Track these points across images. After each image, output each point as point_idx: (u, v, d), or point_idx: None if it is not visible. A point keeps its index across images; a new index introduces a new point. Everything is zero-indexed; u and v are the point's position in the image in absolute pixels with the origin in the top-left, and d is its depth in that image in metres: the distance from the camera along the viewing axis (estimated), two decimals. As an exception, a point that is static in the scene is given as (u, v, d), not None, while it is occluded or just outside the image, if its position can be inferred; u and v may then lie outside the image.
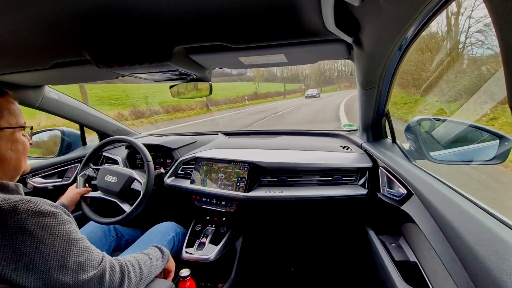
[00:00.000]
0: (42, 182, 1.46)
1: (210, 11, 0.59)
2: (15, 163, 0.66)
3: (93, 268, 0.58)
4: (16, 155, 0.66)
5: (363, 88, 1.04)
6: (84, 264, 0.57)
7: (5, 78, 1.07)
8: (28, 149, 0.71)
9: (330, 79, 58.77)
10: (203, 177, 1.31)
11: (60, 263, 0.53)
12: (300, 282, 1.50)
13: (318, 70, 54.70)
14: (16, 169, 0.67)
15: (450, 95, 5.74)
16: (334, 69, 60.12)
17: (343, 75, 57.83)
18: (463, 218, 0.58)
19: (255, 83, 32.96)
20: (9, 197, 0.53)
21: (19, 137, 0.67)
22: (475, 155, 0.94)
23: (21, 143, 0.67)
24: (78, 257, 0.56)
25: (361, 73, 0.94)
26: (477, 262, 0.48)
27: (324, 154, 1.31)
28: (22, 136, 0.69)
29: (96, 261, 0.60)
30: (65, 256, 0.54)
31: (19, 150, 0.67)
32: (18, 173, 0.69)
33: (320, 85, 47.90)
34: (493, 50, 5.24)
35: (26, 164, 0.72)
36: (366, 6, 0.51)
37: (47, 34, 0.68)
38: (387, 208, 0.98)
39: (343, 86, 49.09)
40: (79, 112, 1.55)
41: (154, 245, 0.88)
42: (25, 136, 0.70)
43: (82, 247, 0.58)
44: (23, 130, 0.69)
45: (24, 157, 0.69)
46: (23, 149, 0.68)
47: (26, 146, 0.69)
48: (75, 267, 0.55)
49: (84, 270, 0.56)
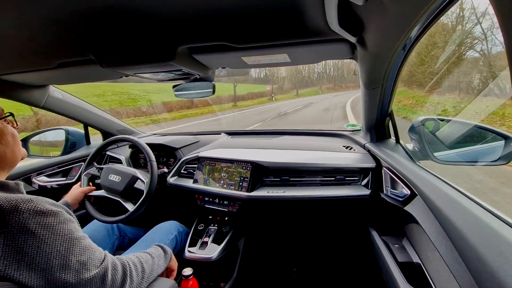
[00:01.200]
0: (46, 181, 1.47)
1: (214, 11, 0.59)
2: (10, 156, 0.66)
3: (95, 267, 0.58)
4: (9, 147, 0.66)
5: (367, 88, 1.03)
6: (86, 263, 0.57)
7: (10, 77, 1.08)
8: (18, 137, 0.70)
9: (310, 80, 50.24)
10: (206, 176, 1.31)
11: (62, 262, 0.53)
12: (302, 282, 1.50)
13: (295, 70, 43.79)
14: (13, 160, 0.67)
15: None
16: (313, 71, 53.66)
17: (323, 76, 53.67)
18: (467, 219, 0.57)
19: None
20: (10, 196, 0.53)
21: (4, 129, 0.66)
22: (480, 155, 0.93)
23: (9, 134, 0.66)
24: (80, 256, 0.56)
25: (364, 73, 0.94)
26: (481, 264, 0.48)
27: (327, 154, 1.31)
28: (8, 126, 0.68)
29: (98, 260, 0.60)
30: (67, 255, 0.54)
31: (10, 142, 0.66)
32: (16, 162, 0.69)
33: (297, 86, 39.29)
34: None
35: (22, 151, 0.71)
36: (370, 5, 0.51)
37: (52, 34, 0.69)
38: (390, 209, 0.97)
39: (324, 88, 44.35)
40: (83, 111, 1.56)
41: (156, 244, 0.88)
42: (11, 125, 0.69)
43: (84, 246, 0.58)
44: (5, 121, 0.68)
45: (17, 146, 0.69)
46: (13, 139, 0.67)
47: (15, 135, 0.69)
48: (77, 266, 0.55)
49: (86, 269, 0.57)
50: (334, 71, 53.43)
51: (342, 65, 52.07)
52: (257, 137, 1.81)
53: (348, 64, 46.87)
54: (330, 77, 52.40)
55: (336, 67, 56.16)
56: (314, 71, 53.82)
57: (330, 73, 52.88)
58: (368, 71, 0.91)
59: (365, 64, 0.88)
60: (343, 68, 53.67)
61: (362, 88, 1.08)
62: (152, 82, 1.12)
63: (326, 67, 54.47)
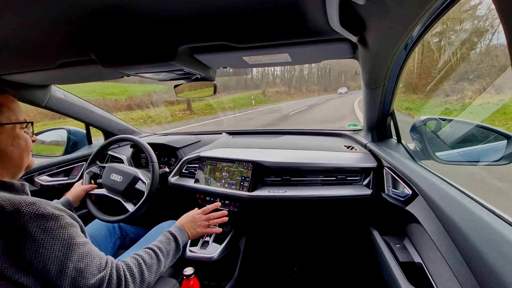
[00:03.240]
0: (48, 180, 1.48)
1: (215, 11, 0.59)
2: (17, 158, 0.66)
3: (92, 276, 0.57)
4: (18, 150, 0.66)
5: (368, 88, 1.03)
6: (84, 270, 0.56)
7: (13, 77, 1.09)
8: (30, 145, 0.71)
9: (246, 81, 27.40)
10: (207, 176, 1.31)
11: (59, 268, 0.53)
12: (304, 282, 1.50)
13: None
14: (18, 165, 0.67)
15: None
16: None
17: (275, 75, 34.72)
18: (469, 219, 0.57)
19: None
20: (14, 198, 0.53)
21: (20, 133, 0.67)
22: (482, 155, 0.92)
23: (23, 139, 0.67)
24: (78, 262, 0.56)
25: (366, 72, 0.94)
26: (483, 264, 0.48)
27: (328, 154, 1.30)
28: (24, 132, 0.69)
29: (96, 268, 0.58)
30: (64, 261, 0.54)
31: (21, 146, 0.67)
32: (21, 169, 0.68)
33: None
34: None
35: (30, 160, 0.72)
36: (371, 5, 0.50)
37: (54, 34, 0.69)
38: (392, 209, 0.97)
39: (273, 92, 25.71)
40: (85, 111, 1.56)
41: (166, 230, 0.86)
42: (27, 133, 0.70)
43: (83, 253, 0.57)
44: (25, 127, 0.69)
45: (27, 153, 0.69)
46: (25, 145, 0.68)
47: (28, 142, 0.69)
48: (74, 273, 0.54)
49: (83, 277, 0.55)
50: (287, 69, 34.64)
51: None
52: (258, 136, 1.81)
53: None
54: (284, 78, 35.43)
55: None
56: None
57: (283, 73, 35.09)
58: (369, 70, 0.90)
59: (366, 64, 0.88)
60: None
61: (364, 88, 1.08)
62: (153, 82, 1.13)
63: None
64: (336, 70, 44.02)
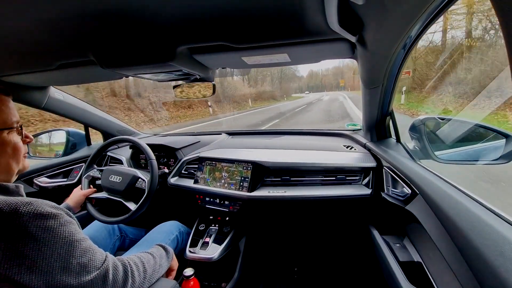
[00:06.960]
0: (47, 182, 1.48)
1: (213, 12, 0.59)
2: (4, 166, 0.62)
3: (96, 269, 0.58)
4: (5, 158, 0.62)
5: (367, 88, 1.03)
6: (87, 265, 0.57)
7: (11, 79, 1.08)
8: (20, 150, 0.65)
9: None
10: (207, 176, 1.31)
11: (63, 265, 0.53)
12: (304, 282, 1.50)
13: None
14: (7, 171, 0.63)
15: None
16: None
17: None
18: (468, 219, 0.57)
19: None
20: (10, 200, 0.53)
21: (6, 139, 0.62)
22: (481, 154, 0.93)
23: (9, 145, 0.62)
24: (80, 258, 0.57)
25: (365, 72, 0.94)
26: (483, 263, 0.48)
27: (328, 154, 1.31)
28: (15, 136, 0.64)
29: (99, 261, 0.60)
30: (67, 257, 0.54)
31: (8, 153, 0.62)
32: (10, 175, 0.65)
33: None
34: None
35: (22, 165, 0.68)
36: (369, 5, 0.50)
37: (52, 36, 0.69)
38: (392, 208, 0.97)
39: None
40: (83, 112, 1.56)
41: (158, 244, 0.88)
42: (19, 134, 0.66)
43: (85, 248, 0.58)
44: (13, 130, 0.64)
45: (15, 159, 0.65)
46: (13, 151, 0.63)
47: (17, 147, 0.64)
48: (78, 268, 0.55)
49: (87, 271, 0.57)
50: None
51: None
52: (257, 137, 1.81)
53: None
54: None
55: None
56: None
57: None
58: (368, 70, 0.91)
59: (365, 64, 0.88)
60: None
61: (363, 88, 1.08)
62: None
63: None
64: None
